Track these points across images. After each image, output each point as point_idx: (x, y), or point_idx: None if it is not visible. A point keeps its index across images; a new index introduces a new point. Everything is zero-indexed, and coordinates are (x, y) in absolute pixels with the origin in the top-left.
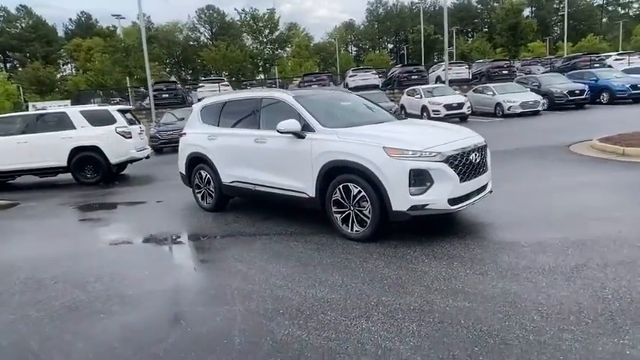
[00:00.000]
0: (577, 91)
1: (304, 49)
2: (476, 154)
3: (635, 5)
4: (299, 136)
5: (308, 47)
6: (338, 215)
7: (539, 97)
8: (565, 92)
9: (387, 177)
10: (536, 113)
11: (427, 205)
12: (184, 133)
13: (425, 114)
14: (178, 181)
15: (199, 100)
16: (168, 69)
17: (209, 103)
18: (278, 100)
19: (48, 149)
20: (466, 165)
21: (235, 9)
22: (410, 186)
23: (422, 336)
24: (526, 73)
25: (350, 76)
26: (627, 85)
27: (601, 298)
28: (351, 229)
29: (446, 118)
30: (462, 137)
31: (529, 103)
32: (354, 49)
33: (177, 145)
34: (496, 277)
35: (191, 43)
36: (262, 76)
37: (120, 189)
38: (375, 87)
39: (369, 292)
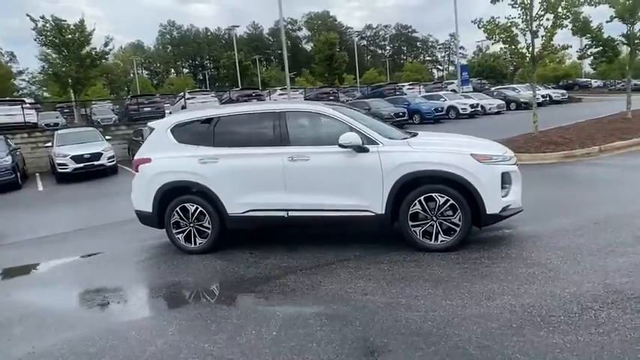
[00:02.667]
0: (400, 113)
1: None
2: None
3: (388, 47)
4: (362, 149)
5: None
6: (417, 229)
7: None
8: (392, 114)
9: (481, 182)
10: None
11: (509, 205)
12: (147, 159)
13: None
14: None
15: None
16: None
17: (184, 120)
18: (313, 112)
19: None
20: None
21: (28, 15)
22: (501, 189)
23: None
24: (357, 98)
25: (188, 99)
26: (432, 109)
27: None
28: (435, 240)
29: None
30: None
31: None
32: (145, 72)
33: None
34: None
35: None
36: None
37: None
38: None
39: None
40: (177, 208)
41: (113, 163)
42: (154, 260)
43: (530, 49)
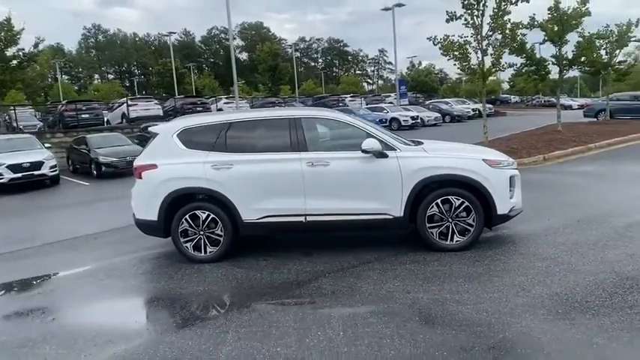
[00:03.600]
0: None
1: None
2: None
3: (321, 60)
4: (382, 155)
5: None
6: (434, 230)
7: None
8: (377, 121)
9: (493, 185)
10: None
11: (514, 206)
12: (152, 165)
13: None
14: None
15: None
16: None
17: (192, 126)
18: (329, 119)
19: None
20: None
21: None
22: (509, 191)
23: None
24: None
25: (130, 106)
26: (377, 120)
27: None
28: (451, 240)
29: None
30: None
31: None
32: (66, 77)
33: None
34: None
35: None
36: None
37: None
38: (158, 118)
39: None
40: (187, 216)
41: (56, 172)
42: (163, 271)
43: (481, 66)
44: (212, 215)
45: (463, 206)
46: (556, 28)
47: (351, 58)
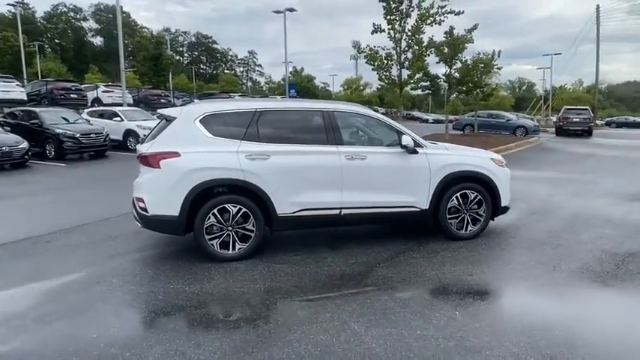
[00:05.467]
0: None
1: None
2: None
3: (187, 54)
4: (414, 151)
5: None
6: (453, 221)
7: None
8: None
9: (500, 180)
10: None
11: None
12: (173, 153)
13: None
14: None
15: None
16: None
17: (218, 111)
18: (361, 114)
19: None
20: None
21: None
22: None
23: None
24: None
25: None
26: None
27: None
28: (465, 230)
29: None
30: None
31: None
32: None
33: None
34: None
35: None
36: None
37: None
38: (21, 103)
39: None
40: (215, 210)
41: None
42: (194, 269)
43: (399, 77)
44: (244, 209)
45: (477, 199)
46: (446, 50)
47: (220, 56)
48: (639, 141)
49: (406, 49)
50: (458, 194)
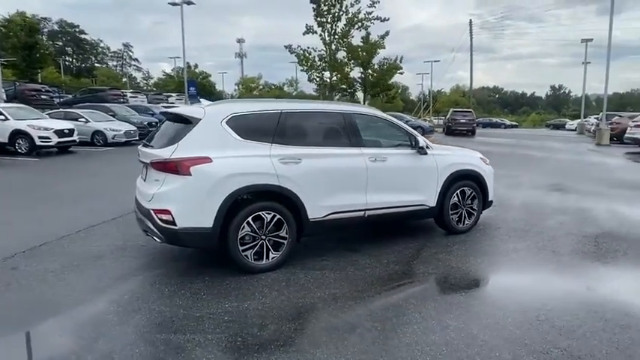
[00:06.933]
0: (153, 123)
1: None
2: None
3: (48, 44)
4: (424, 152)
5: None
6: (454, 216)
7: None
8: (145, 123)
9: (488, 177)
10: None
11: None
12: (204, 159)
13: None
14: None
15: None
16: None
17: (243, 112)
18: (376, 116)
19: None
20: None
21: None
22: None
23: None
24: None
25: None
26: None
27: None
28: (463, 223)
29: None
30: None
31: (131, 132)
32: None
33: None
34: None
35: None
36: None
37: None
38: None
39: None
40: (249, 219)
41: None
42: (231, 284)
43: (329, 79)
44: (278, 216)
45: (472, 195)
46: (364, 54)
47: (90, 48)
48: (513, 139)
49: (335, 52)
50: (457, 191)
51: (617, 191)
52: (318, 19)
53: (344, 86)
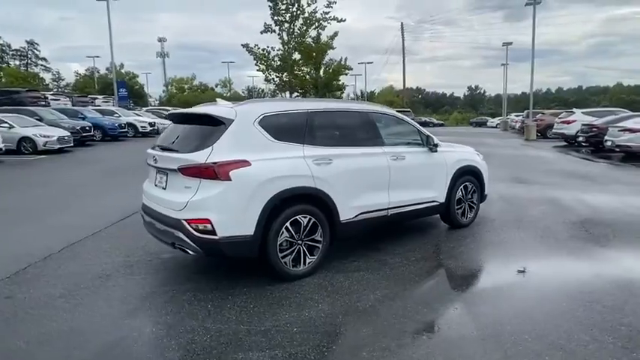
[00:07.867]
0: (87, 127)
1: None
2: None
3: None
4: (435, 150)
5: None
6: (459, 210)
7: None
8: (78, 128)
9: (484, 172)
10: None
11: None
12: (243, 162)
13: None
14: None
15: None
16: None
17: (273, 112)
18: (389, 115)
19: None
20: None
21: None
22: None
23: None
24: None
25: None
26: (116, 125)
27: None
28: (466, 217)
29: None
30: None
31: (64, 137)
32: None
33: None
34: None
35: None
36: None
37: None
38: None
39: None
40: (288, 223)
41: None
42: (273, 294)
43: (288, 79)
44: (313, 219)
45: (472, 190)
46: (314, 54)
47: None
48: (452, 137)
49: (292, 51)
50: (461, 186)
51: (570, 181)
52: (275, 17)
53: (297, 87)
